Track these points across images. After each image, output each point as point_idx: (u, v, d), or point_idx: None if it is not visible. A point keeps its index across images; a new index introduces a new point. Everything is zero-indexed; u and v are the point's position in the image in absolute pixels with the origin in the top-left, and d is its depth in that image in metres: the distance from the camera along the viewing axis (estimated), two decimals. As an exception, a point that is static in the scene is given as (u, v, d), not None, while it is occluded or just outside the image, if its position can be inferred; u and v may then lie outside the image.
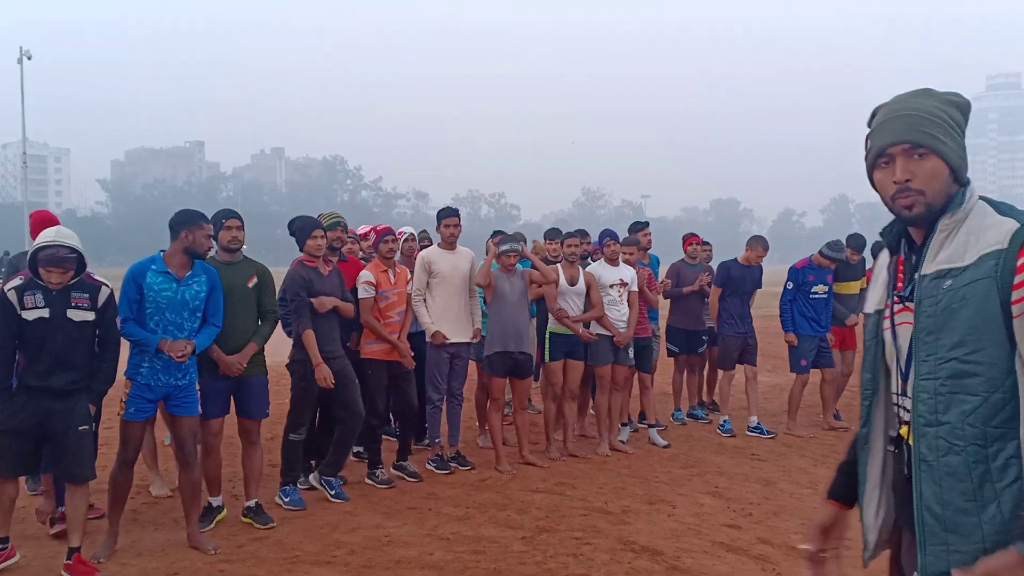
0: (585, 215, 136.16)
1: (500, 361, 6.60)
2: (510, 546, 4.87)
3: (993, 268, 1.63)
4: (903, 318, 1.81)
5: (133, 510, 5.41)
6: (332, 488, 5.75)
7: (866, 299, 2.02)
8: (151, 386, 4.61)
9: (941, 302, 1.68)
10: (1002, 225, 1.67)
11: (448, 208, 6.87)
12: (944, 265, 1.70)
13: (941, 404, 1.66)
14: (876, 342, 1.90)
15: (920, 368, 1.71)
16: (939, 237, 1.74)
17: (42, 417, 4.18)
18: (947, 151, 1.71)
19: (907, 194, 1.73)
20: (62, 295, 4.20)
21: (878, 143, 1.77)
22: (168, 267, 4.65)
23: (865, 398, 1.94)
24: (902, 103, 1.77)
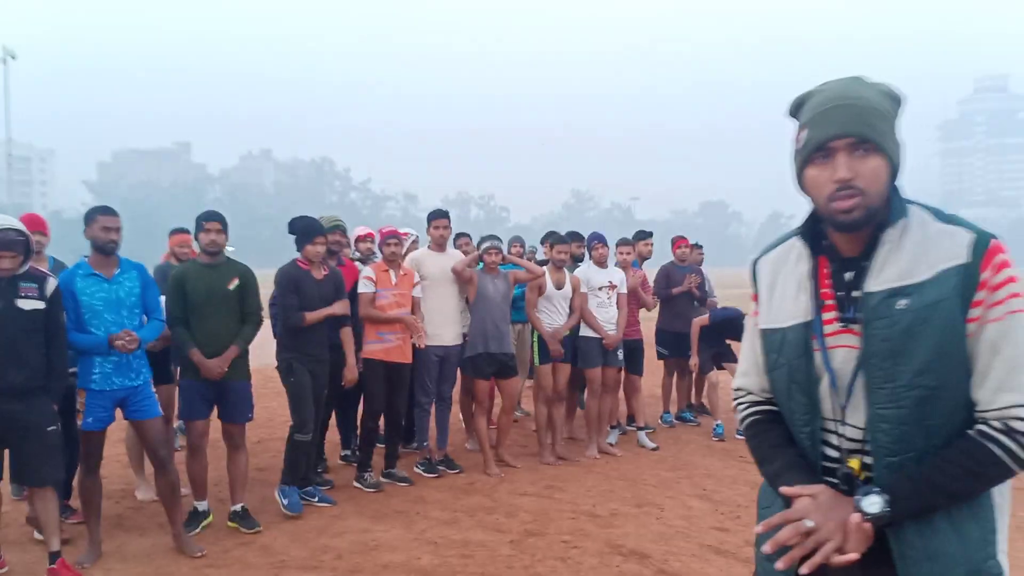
0: (574, 217, 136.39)
1: (484, 363, 6.57)
2: (498, 550, 4.85)
3: (958, 286, 1.50)
4: (840, 340, 1.61)
5: (118, 515, 5.37)
6: (286, 497, 5.53)
7: (770, 309, 1.76)
8: (104, 392, 4.54)
9: (899, 324, 1.51)
10: (953, 235, 1.54)
11: (438, 210, 6.85)
12: (895, 283, 1.54)
13: (906, 433, 1.53)
14: (806, 361, 1.66)
15: (876, 396, 1.55)
16: (884, 250, 1.57)
17: (3, 422, 4.08)
18: (891, 149, 1.55)
19: (848, 194, 1.52)
20: (10, 286, 4.12)
21: (818, 135, 1.54)
22: (94, 269, 4.60)
23: (806, 424, 1.68)
24: (842, 91, 1.57)
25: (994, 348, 1.50)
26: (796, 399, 1.68)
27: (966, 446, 1.51)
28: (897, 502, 1.51)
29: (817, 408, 1.66)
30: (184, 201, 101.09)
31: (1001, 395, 1.50)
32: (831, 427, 1.65)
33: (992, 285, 1.50)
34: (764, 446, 1.78)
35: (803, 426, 1.68)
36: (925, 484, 1.51)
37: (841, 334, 1.61)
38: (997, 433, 1.50)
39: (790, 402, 1.70)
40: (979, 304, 1.50)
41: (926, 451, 1.53)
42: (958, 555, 1.52)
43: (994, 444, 1.49)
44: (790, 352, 1.68)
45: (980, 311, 1.50)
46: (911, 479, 1.52)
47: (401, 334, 6.22)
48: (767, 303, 1.77)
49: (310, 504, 5.66)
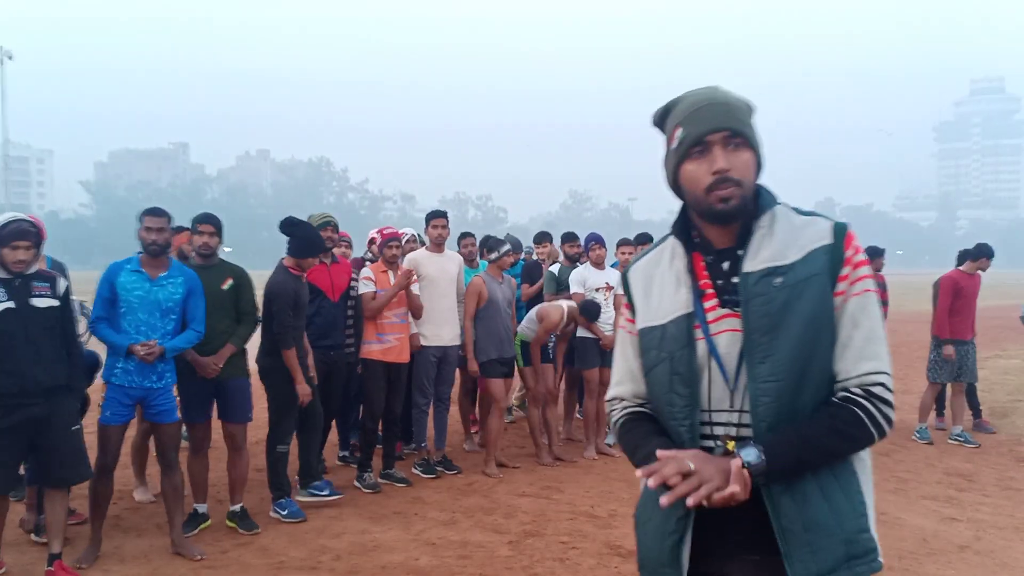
0: (572, 217, 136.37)
1: (496, 367, 6.67)
2: (496, 551, 4.85)
3: (826, 263, 1.63)
4: (724, 325, 1.68)
5: (116, 516, 5.36)
6: (284, 509, 5.44)
7: (648, 309, 1.81)
8: (125, 388, 4.56)
9: (776, 300, 1.61)
10: (815, 224, 1.68)
11: (437, 210, 6.88)
12: (770, 263, 1.65)
13: (785, 405, 1.60)
14: (689, 351, 1.70)
15: (758, 371, 1.61)
16: (758, 235, 1.68)
17: (28, 425, 4.07)
18: (758, 144, 1.67)
19: (726, 184, 1.62)
20: (23, 286, 4.12)
21: (696, 130, 1.64)
22: (141, 267, 4.62)
23: (686, 416, 1.70)
24: (709, 94, 1.68)
25: (854, 321, 1.63)
26: (677, 391, 1.71)
27: (831, 409, 1.62)
28: (771, 452, 1.56)
29: (697, 400, 1.69)
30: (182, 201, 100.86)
31: (861, 363, 1.62)
32: (717, 418, 1.69)
33: (854, 263, 1.65)
34: (637, 437, 1.81)
35: (683, 419, 1.70)
36: (796, 438, 1.59)
37: (724, 319, 1.68)
38: (858, 398, 1.61)
39: (671, 395, 1.72)
40: (844, 279, 1.64)
41: None
42: (834, 527, 1.59)
43: (856, 407, 1.60)
44: (671, 345, 1.72)
45: (845, 286, 1.63)
46: (783, 434, 1.60)
47: (400, 334, 6.22)
48: (643, 305, 1.82)
49: (315, 503, 5.64)
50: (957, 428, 7.94)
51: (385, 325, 6.17)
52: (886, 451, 7.51)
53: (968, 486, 6.38)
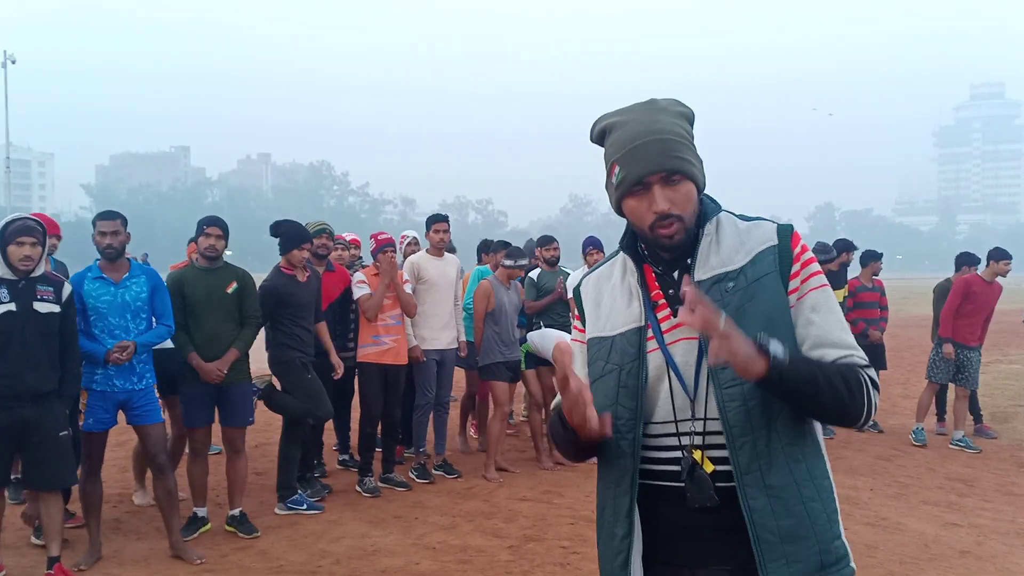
0: (572, 222, 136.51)
1: (502, 368, 6.72)
2: (497, 555, 4.84)
3: (773, 263, 1.64)
4: (679, 334, 1.66)
5: (116, 519, 5.35)
6: (302, 504, 5.65)
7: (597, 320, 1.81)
8: (106, 393, 4.55)
9: (730, 304, 1.60)
10: (759, 227, 1.69)
11: (438, 214, 6.90)
12: (720, 269, 1.65)
13: (754, 409, 1.57)
14: (639, 364, 1.68)
15: (720, 376, 1.59)
16: (705, 242, 1.68)
17: (16, 426, 4.08)
18: (696, 173, 1.65)
19: (669, 222, 1.63)
20: (27, 288, 4.12)
21: (633, 172, 1.63)
22: (103, 272, 4.62)
23: (629, 430, 1.67)
24: (644, 125, 1.65)
25: (817, 311, 1.64)
26: (623, 405, 1.68)
27: (839, 365, 1.60)
28: (792, 356, 1.53)
29: (640, 414, 1.66)
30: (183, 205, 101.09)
31: (838, 349, 1.62)
32: (668, 430, 1.66)
33: (804, 261, 1.66)
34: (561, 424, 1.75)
35: (626, 432, 1.67)
36: (812, 361, 1.59)
37: (678, 327, 1.66)
38: (857, 367, 1.61)
39: (615, 407, 1.69)
40: (796, 276, 1.65)
41: (771, 428, 1.58)
42: (809, 536, 1.56)
43: (859, 370, 1.61)
44: (620, 358, 1.71)
45: (798, 283, 1.65)
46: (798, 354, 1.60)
47: (396, 336, 6.23)
48: (593, 317, 1.82)
49: (299, 512, 5.63)
50: (959, 433, 7.93)
51: (381, 327, 6.18)
52: (887, 456, 7.50)
53: (969, 491, 6.36)
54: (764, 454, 1.57)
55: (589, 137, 1.79)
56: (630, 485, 1.66)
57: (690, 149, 1.66)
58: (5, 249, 4.08)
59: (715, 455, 1.61)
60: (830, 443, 7.97)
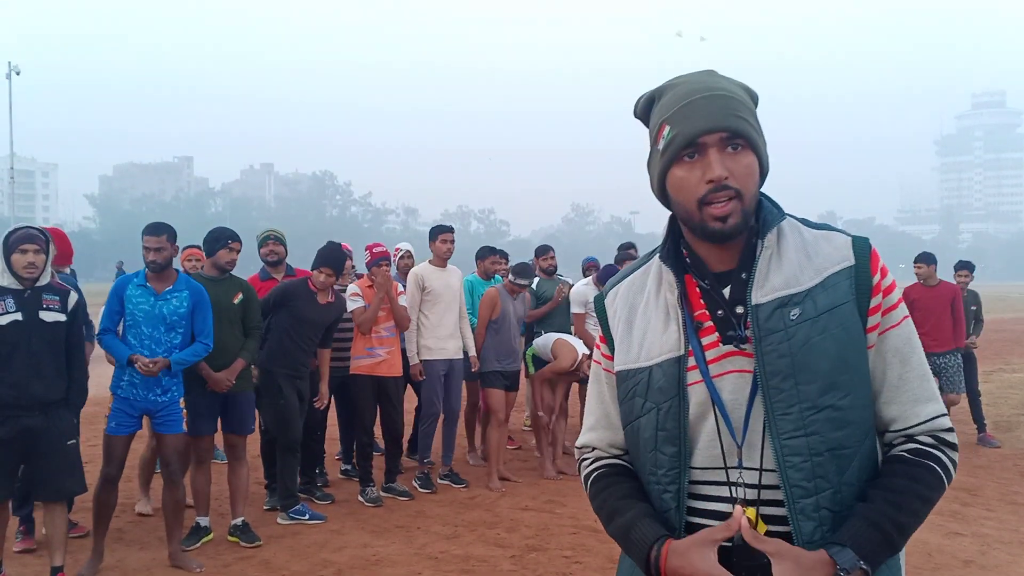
0: (575, 231, 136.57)
1: (498, 377, 6.72)
2: (499, 565, 4.83)
3: (850, 290, 1.36)
4: (728, 365, 1.38)
5: (118, 528, 5.35)
6: (304, 514, 5.63)
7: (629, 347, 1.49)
8: (130, 400, 4.58)
9: (796, 336, 1.32)
10: (830, 240, 1.41)
11: (443, 225, 7.00)
12: (783, 291, 1.35)
13: (820, 466, 1.31)
14: (678, 402, 1.40)
15: (780, 424, 1.32)
16: (765, 256, 1.39)
17: (23, 436, 4.08)
18: (761, 147, 1.38)
19: (724, 194, 1.32)
20: (33, 297, 4.13)
21: (686, 130, 1.33)
22: (148, 281, 4.64)
23: (672, 481, 1.41)
24: (703, 83, 1.37)
25: (902, 357, 1.39)
26: (662, 452, 1.42)
27: (912, 471, 1.34)
28: (866, 551, 1.27)
29: (686, 461, 1.40)
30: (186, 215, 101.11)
31: (922, 407, 1.38)
32: (716, 477, 1.39)
33: (885, 289, 1.39)
34: (612, 499, 1.48)
35: (669, 484, 1.41)
36: (891, 527, 1.30)
37: (728, 358, 1.38)
38: (932, 449, 1.36)
39: (655, 455, 1.43)
40: (876, 310, 1.38)
41: (839, 488, 1.32)
42: None
43: (934, 462, 1.35)
44: (659, 395, 1.42)
45: (878, 318, 1.38)
46: (873, 525, 1.29)
47: (390, 348, 6.24)
48: (624, 341, 1.50)
49: (302, 522, 5.63)
50: None
51: (375, 339, 6.19)
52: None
53: (972, 500, 6.35)
54: (828, 519, 1.32)
55: (633, 112, 1.49)
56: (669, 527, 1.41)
57: (755, 120, 1.38)
58: (9, 258, 4.09)
59: (768, 513, 1.35)
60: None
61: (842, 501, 1.32)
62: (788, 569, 1.25)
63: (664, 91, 1.42)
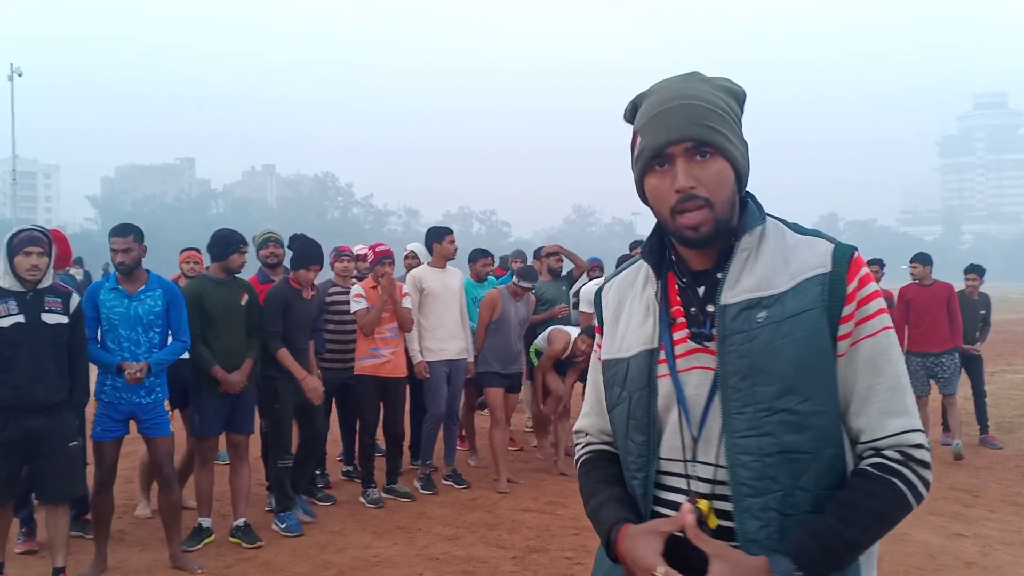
0: (576, 232, 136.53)
1: (496, 378, 6.73)
2: (500, 566, 4.83)
3: (820, 296, 1.35)
4: (693, 361, 1.42)
5: (120, 530, 5.36)
6: (283, 523, 5.47)
7: (614, 338, 1.56)
8: (114, 404, 4.57)
9: (758, 338, 1.34)
10: (812, 245, 1.41)
11: (443, 226, 6.97)
12: (753, 293, 1.37)
13: (770, 467, 1.32)
14: (647, 393, 1.45)
15: (734, 423, 1.34)
16: (740, 258, 1.41)
17: (26, 438, 4.09)
18: (733, 151, 1.38)
19: (693, 205, 1.35)
20: (35, 300, 4.14)
21: (653, 141, 1.37)
22: (120, 284, 4.63)
23: (640, 468, 1.46)
24: (675, 91, 1.39)
25: (874, 368, 1.36)
26: (633, 439, 1.47)
27: (869, 486, 1.32)
28: (809, 568, 1.27)
29: (654, 451, 1.45)
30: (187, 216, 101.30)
31: (890, 420, 1.35)
32: (677, 469, 1.43)
33: (861, 299, 1.37)
34: (591, 482, 1.58)
35: (637, 471, 1.47)
36: (836, 541, 1.29)
37: (694, 354, 1.42)
38: (897, 465, 1.33)
39: (627, 442, 1.49)
40: (849, 319, 1.36)
41: (792, 491, 1.32)
42: None
43: (898, 478, 1.32)
44: (632, 385, 1.48)
45: (851, 327, 1.36)
46: (816, 537, 1.29)
47: (394, 348, 6.24)
48: (611, 332, 1.58)
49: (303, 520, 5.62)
50: (955, 442, 7.87)
51: (378, 340, 6.19)
52: (892, 466, 7.48)
53: (974, 501, 6.34)
54: (776, 520, 1.32)
55: (623, 116, 1.51)
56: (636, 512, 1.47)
57: (728, 124, 1.39)
58: (12, 260, 4.10)
59: (722, 508, 1.37)
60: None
61: (794, 505, 1.32)
62: (724, 571, 1.27)
63: (644, 98, 1.45)
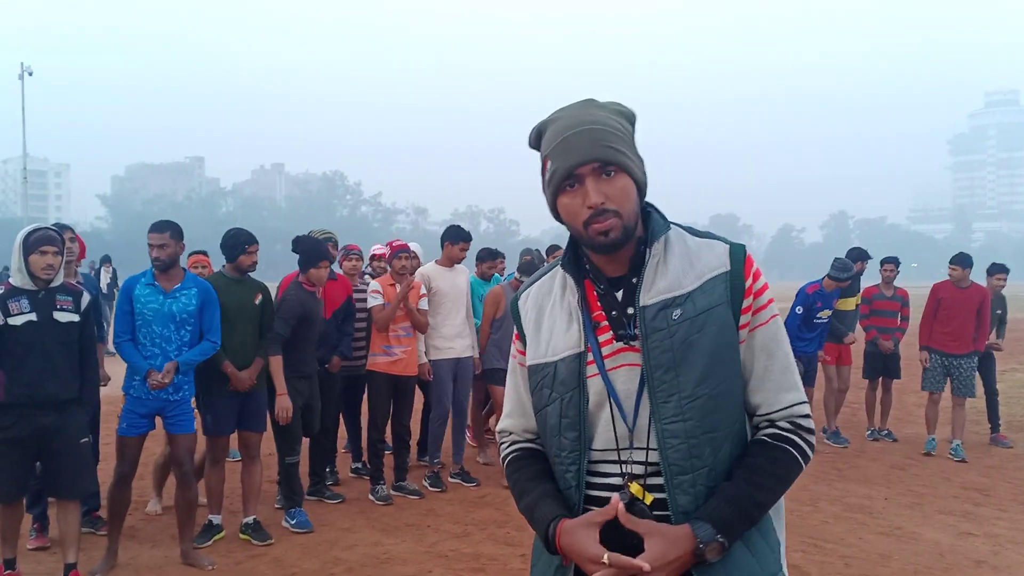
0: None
1: (502, 375, 6.67)
2: (509, 564, 4.84)
3: (725, 292, 1.54)
4: (620, 360, 1.57)
5: (131, 526, 5.39)
6: (293, 519, 5.47)
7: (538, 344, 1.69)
8: (142, 400, 4.61)
9: (677, 334, 1.51)
10: (711, 247, 1.59)
11: (465, 232, 6.84)
12: (667, 294, 1.54)
13: (695, 447, 1.50)
14: (579, 393, 1.59)
15: (662, 411, 1.51)
16: (652, 263, 1.57)
17: (38, 434, 4.12)
18: (634, 167, 1.54)
19: (604, 217, 1.51)
20: (47, 298, 4.17)
21: (564, 164, 1.52)
22: (156, 280, 4.66)
23: (573, 462, 1.60)
24: (576, 117, 1.55)
25: (767, 351, 1.57)
26: (566, 435, 1.61)
27: (770, 454, 1.53)
28: (724, 525, 1.46)
29: (586, 444, 1.59)
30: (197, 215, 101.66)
31: (782, 395, 1.56)
32: (611, 457, 1.58)
33: (755, 291, 1.57)
34: (522, 480, 1.70)
35: (570, 464, 1.61)
36: (748, 503, 1.49)
37: (620, 353, 1.57)
38: (789, 433, 1.55)
39: (559, 439, 1.62)
40: (748, 310, 1.56)
41: (714, 466, 1.51)
42: (755, 572, 1.51)
43: (790, 445, 1.54)
44: (561, 387, 1.62)
45: (749, 317, 1.56)
46: (731, 502, 1.48)
47: (407, 347, 6.26)
48: (534, 339, 1.70)
49: (323, 515, 5.65)
50: (955, 442, 7.84)
51: (392, 337, 6.21)
52: (902, 465, 7.46)
53: (984, 500, 6.32)
54: (704, 494, 1.51)
55: (528, 143, 1.66)
56: (574, 516, 1.58)
57: (626, 143, 1.55)
58: (27, 258, 4.13)
59: (652, 485, 1.54)
60: (844, 452, 7.93)
61: (715, 478, 1.51)
62: (657, 543, 1.46)
63: (547, 126, 1.60)
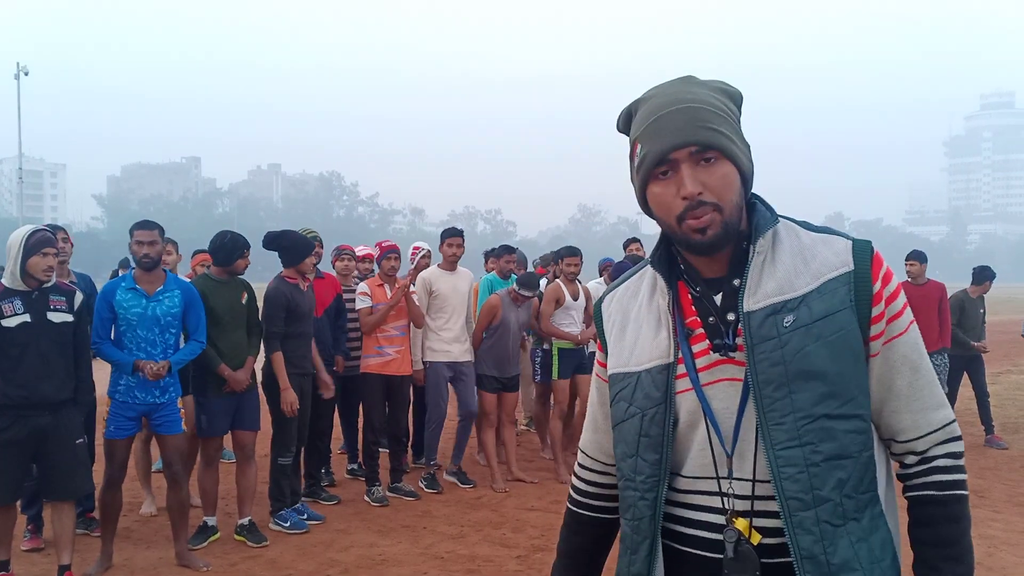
0: (581, 232, 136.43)
1: (491, 382, 6.72)
2: (505, 565, 4.84)
3: (848, 296, 1.31)
4: (718, 374, 1.35)
5: (125, 528, 5.38)
6: (286, 521, 5.46)
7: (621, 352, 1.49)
8: (128, 403, 4.58)
9: (789, 344, 1.28)
10: (830, 243, 1.36)
11: (453, 228, 6.88)
12: (776, 297, 1.31)
13: (817, 477, 1.26)
14: (664, 409, 1.38)
15: (774, 435, 1.28)
16: (757, 262, 1.35)
17: (33, 436, 4.11)
18: (738, 153, 1.32)
19: (701, 211, 1.29)
20: (41, 299, 4.16)
21: (656, 147, 1.31)
22: (136, 283, 4.63)
23: (650, 489, 1.39)
24: (672, 95, 1.33)
25: (912, 365, 1.35)
26: (644, 457, 1.40)
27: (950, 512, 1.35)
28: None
29: (665, 471, 1.38)
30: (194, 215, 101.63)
31: (931, 414, 1.35)
32: (709, 487, 1.37)
33: (888, 296, 1.34)
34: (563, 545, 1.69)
35: (647, 491, 1.39)
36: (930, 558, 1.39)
37: (718, 366, 1.36)
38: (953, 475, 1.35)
39: (635, 460, 1.41)
40: (880, 318, 1.33)
41: (840, 500, 1.28)
42: None
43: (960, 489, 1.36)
44: (645, 401, 1.40)
45: (883, 326, 1.33)
46: None
47: (400, 347, 6.25)
48: (616, 346, 1.50)
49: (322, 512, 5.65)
50: None
51: (383, 338, 6.20)
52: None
53: (979, 502, 6.33)
54: (830, 533, 1.27)
55: (616, 126, 1.46)
56: (647, 554, 1.39)
57: (730, 125, 1.33)
58: (28, 260, 4.11)
59: (763, 524, 1.31)
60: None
61: (843, 514, 1.28)
62: None
63: (639, 105, 1.39)
